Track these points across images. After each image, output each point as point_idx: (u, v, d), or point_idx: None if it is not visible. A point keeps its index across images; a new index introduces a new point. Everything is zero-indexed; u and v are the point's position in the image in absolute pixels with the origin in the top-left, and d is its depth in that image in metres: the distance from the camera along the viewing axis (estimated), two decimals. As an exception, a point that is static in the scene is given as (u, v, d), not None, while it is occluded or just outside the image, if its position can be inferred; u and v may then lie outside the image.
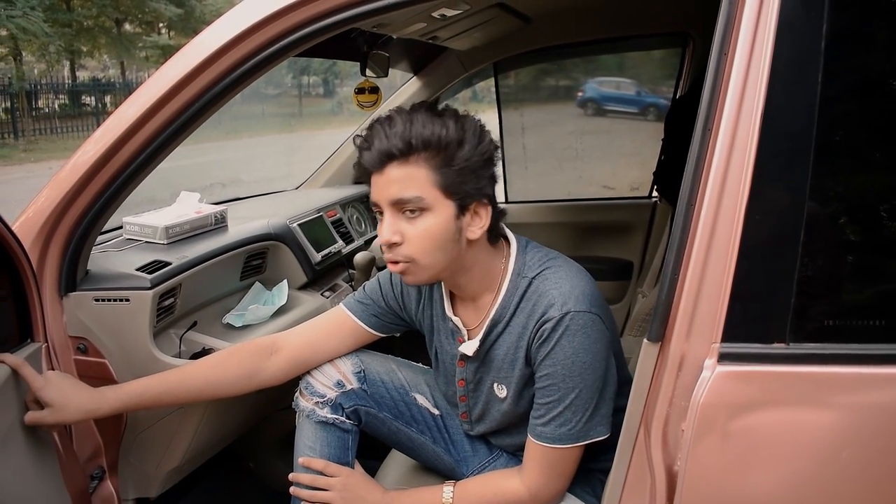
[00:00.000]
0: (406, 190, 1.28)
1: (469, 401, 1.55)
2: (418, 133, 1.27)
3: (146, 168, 1.54)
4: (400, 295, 1.60)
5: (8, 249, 1.43)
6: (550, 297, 1.34)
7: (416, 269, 1.34)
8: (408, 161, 1.28)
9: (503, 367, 1.44)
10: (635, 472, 1.19)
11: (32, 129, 16.73)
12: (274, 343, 1.57)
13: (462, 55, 2.78)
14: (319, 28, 1.39)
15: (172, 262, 1.78)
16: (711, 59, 1.08)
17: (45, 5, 17.77)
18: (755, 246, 1.06)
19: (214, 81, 1.46)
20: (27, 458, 1.39)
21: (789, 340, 1.06)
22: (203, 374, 1.53)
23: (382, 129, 1.29)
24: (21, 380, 1.41)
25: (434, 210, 1.30)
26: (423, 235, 1.31)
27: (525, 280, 1.39)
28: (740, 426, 1.07)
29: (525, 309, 1.38)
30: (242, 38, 1.42)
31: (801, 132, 1.04)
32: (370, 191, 1.35)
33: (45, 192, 1.56)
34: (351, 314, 1.60)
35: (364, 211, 2.88)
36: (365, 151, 1.31)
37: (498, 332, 1.43)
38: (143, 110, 1.48)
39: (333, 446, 1.57)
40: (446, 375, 1.58)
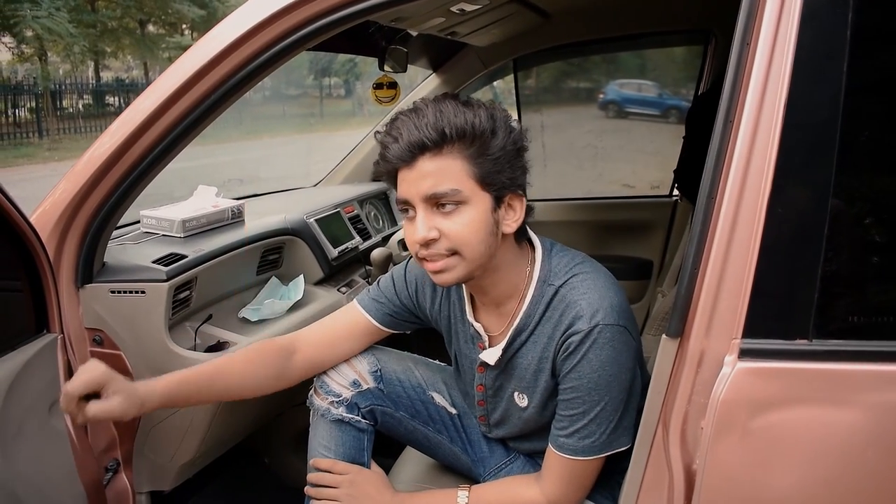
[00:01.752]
0: (441, 183, 1.21)
1: (488, 406, 1.52)
2: (451, 122, 1.21)
3: (162, 161, 1.55)
4: (414, 293, 1.55)
5: (25, 241, 1.44)
6: (578, 308, 1.28)
7: (456, 265, 1.26)
8: (441, 152, 1.21)
9: (525, 377, 1.39)
10: (653, 471, 1.17)
11: (57, 129, 16.94)
12: (291, 343, 1.53)
13: (481, 52, 2.76)
14: (336, 19, 1.39)
15: (188, 255, 1.78)
16: (733, 50, 1.06)
17: (70, 6, 17.96)
18: (777, 240, 1.04)
19: (230, 74, 1.47)
20: (41, 449, 1.39)
21: (812, 337, 1.04)
22: (237, 372, 1.46)
23: (411, 120, 1.22)
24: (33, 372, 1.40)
25: (471, 203, 1.24)
26: (463, 230, 1.24)
27: (551, 288, 1.33)
28: (761, 424, 1.05)
29: (551, 318, 1.32)
30: (259, 30, 1.42)
31: (825, 124, 1.02)
32: (396, 187, 1.28)
33: (62, 185, 1.57)
34: (365, 313, 1.56)
35: (382, 208, 2.87)
36: (392, 145, 1.23)
37: (521, 340, 1.37)
38: (158, 104, 1.48)
39: (348, 446, 1.55)
40: (465, 378, 1.55)
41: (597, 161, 3.26)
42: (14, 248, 1.44)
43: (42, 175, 10.28)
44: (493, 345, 1.42)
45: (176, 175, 2.38)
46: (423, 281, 1.53)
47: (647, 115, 8.09)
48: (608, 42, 3.02)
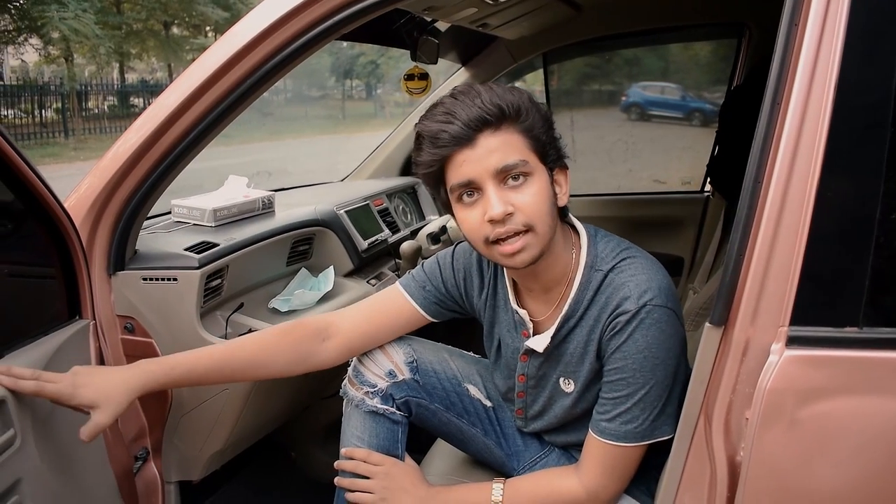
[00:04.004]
0: (510, 156, 1.22)
1: (527, 397, 1.49)
2: (504, 98, 1.23)
3: (193, 149, 1.55)
4: (462, 281, 1.52)
5: (60, 227, 1.44)
6: (627, 289, 1.27)
7: (534, 241, 1.25)
8: (500, 128, 1.23)
9: (571, 362, 1.37)
10: (693, 463, 1.15)
11: (82, 129, 17.17)
12: (328, 327, 1.50)
13: (511, 45, 2.75)
14: (368, 6, 1.38)
15: (220, 244, 1.78)
16: (780, 30, 1.04)
17: (97, 8, 18.17)
18: (827, 225, 1.01)
19: (260, 64, 1.47)
20: (72, 437, 1.39)
21: (862, 324, 1.01)
22: (252, 353, 1.45)
23: (462, 101, 1.23)
24: (65, 357, 1.40)
25: (535, 175, 1.25)
26: (535, 200, 1.24)
27: (599, 273, 1.32)
28: (810, 414, 1.02)
29: (598, 302, 1.31)
30: (287, 20, 1.43)
31: (878, 105, 0.99)
32: (444, 176, 1.27)
33: (94, 174, 1.58)
34: (411, 299, 1.53)
35: (410, 202, 2.87)
36: (447, 126, 1.22)
37: (570, 327, 1.36)
38: (188, 93, 1.49)
39: (382, 437, 1.52)
40: (506, 369, 1.52)
41: (627, 156, 3.23)
42: (49, 234, 1.44)
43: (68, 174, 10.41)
44: (538, 332, 1.40)
45: (203, 175, 2.39)
46: (471, 269, 1.51)
47: (670, 118, 8.06)
48: (639, 36, 2.99)
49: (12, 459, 1.19)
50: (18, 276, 1.50)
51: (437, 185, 1.31)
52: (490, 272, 1.49)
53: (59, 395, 1.25)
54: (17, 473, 1.20)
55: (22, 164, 1.31)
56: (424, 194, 2.96)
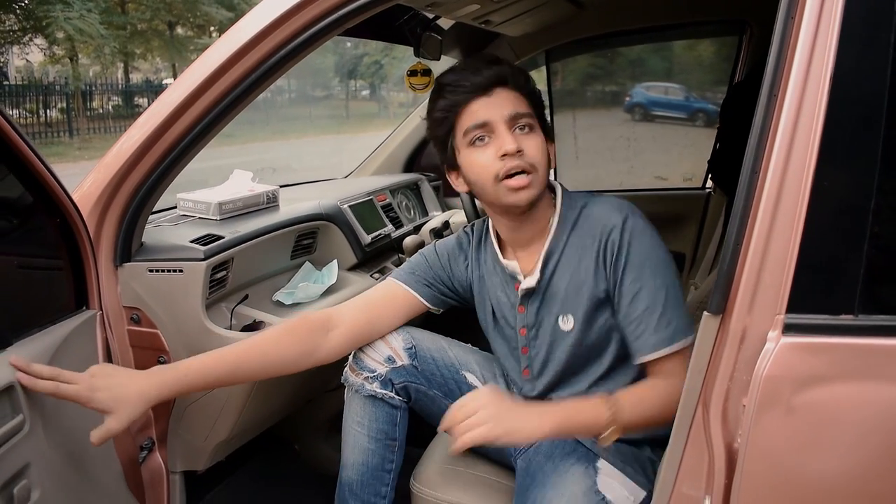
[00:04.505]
0: (520, 107, 1.43)
1: (531, 351, 1.54)
2: (514, 69, 1.46)
3: (196, 145, 1.58)
4: (447, 262, 1.62)
5: (69, 219, 1.47)
6: (604, 213, 1.44)
7: (535, 181, 1.42)
8: (510, 87, 1.43)
9: (568, 297, 1.46)
10: (692, 451, 1.16)
11: (87, 129, 17.25)
12: (329, 319, 1.56)
13: (514, 42, 2.77)
14: (371, 1, 1.40)
15: (225, 236, 1.80)
16: (777, 22, 1.05)
17: (101, 8, 18.21)
18: (823, 214, 1.02)
19: (263, 59, 1.49)
20: (79, 424, 1.41)
21: (858, 312, 1.02)
22: (262, 353, 1.49)
23: (483, 62, 1.44)
24: (72, 347, 1.42)
25: (537, 130, 1.45)
26: (538, 147, 1.43)
27: (573, 211, 1.49)
28: (806, 400, 1.04)
29: (579, 231, 1.46)
30: (294, 13, 1.44)
31: (872, 97, 1.01)
32: (455, 120, 1.45)
33: (99, 168, 1.61)
34: (405, 285, 1.61)
35: (413, 198, 2.90)
36: (471, 77, 1.42)
37: (555, 260, 1.48)
38: (192, 88, 1.51)
39: (381, 421, 1.57)
40: (504, 331, 1.58)
41: (629, 152, 3.25)
42: (58, 226, 1.47)
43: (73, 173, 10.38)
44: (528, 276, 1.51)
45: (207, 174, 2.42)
46: (452, 250, 1.63)
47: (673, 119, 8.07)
48: (641, 33, 3.02)
49: (21, 444, 1.21)
50: (27, 268, 1.52)
51: (447, 134, 1.48)
52: (470, 245, 1.62)
53: (77, 397, 1.29)
54: (25, 458, 1.22)
55: (32, 157, 1.34)
56: (427, 190, 2.99)
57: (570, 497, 1.41)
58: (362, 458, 1.59)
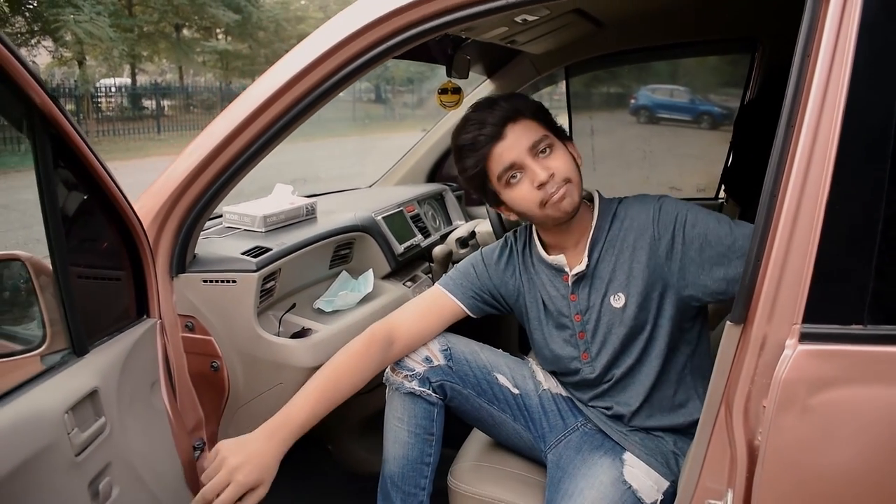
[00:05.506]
0: (534, 134, 1.54)
1: (587, 335, 1.65)
2: (513, 100, 1.58)
3: (252, 162, 1.67)
4: (495, 272, 1.74)
5: (132, 231, 1.56)
6: (641, 206, 1.60)
7: (573, 188, 1.54)
8: (518, 120, 1.54)
9: (616, 277, 1.60)
10: (715, 447, 1.25)
11: (96, 131, 17.20)
12: (390, 334, 1.68)
13: (535, 59, 2.86)
14: (422, 31, 1.50)
15: (273, 248, 1.90)
16: (795, 61, 1.13)
17: (110, 11, 18.26)
18: (835, 234, 1.11)
19: (313, 87, 1.59)
20: (146, 425, 1.50)
21: (867, 322, 1.11)
22: (349, 384, 1.63)
23: (485, 111, 1.56)
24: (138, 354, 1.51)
25: (556, 145, 1.57)
26: (564, 160, 1.55)
27: (612, 206, 1.64)
28: (820, 401, 1.12)
29: (622, 223, 1.61)
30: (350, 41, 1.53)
31: (881, 128, 1.09)
32: (487, 168, 1.56)
33: (159, 183, 1.69)
34: (452, 297, 1.73)
35: (438, 208, 2.99)
36: (483, 130, 1.54)
37: (600, 248, 1.62)
38: (246, 114, 1.61)
39: (420, 416, 1.68)
40: (560, 321, 1.69)
41: (644, 164, 3.34)
42: (122, 238, 1.56)
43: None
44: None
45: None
46: (497, 259, 1.75)
47: (679, 121, 8.08)
48: (657, 50, 3.10)
49: (105, 444, 1.29)
50: (96, 278, 1.62)
51: (483, 184, 1.61)
52: (513, 253, 1.74)
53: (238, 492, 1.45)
54: (108, 457, 1.30)
55: (100, 169, 1.40)
56: (451, 200, 3.08)
57: (599, 486, 1.53)
58: (403, 452, 1.69)
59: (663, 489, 1.56)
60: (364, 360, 1.64)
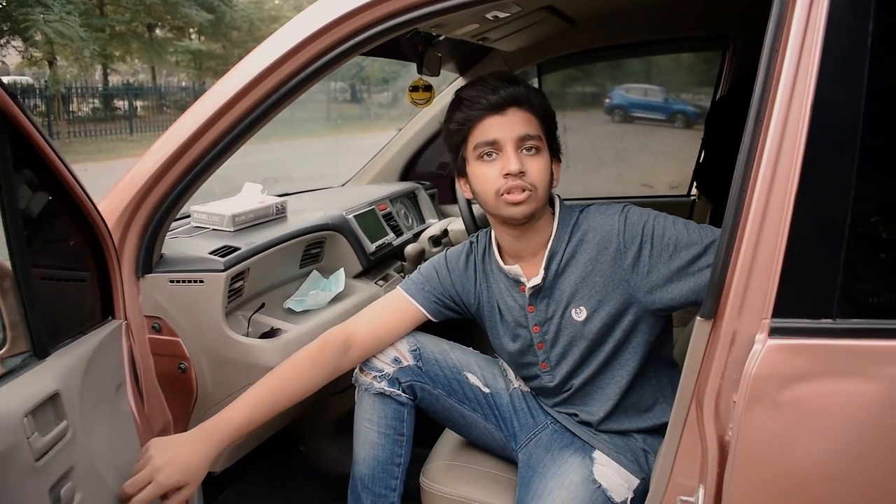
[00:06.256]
0: (530, 129, 1.49)
1: (547, 345, 1.62)
2: (530, 91, 1.52)
3: (219, 160, 1.64)
4: (458, 279, 1.70)
5: (97, 231, 1.53)
6: (604, 217, 1.54)
7: (534, 199, 1.49)
8: (524, 108, 1.50)
9: (578, 291, 1.55)
10: (687, 444, 1.25)
11: (67, 132, 17.00)
12: (346, 339, 1.65)
13: (507, 56, 2.85)
14: (385, 29, 1.48)
15: (242, 248, 1.87)
16: (763, 56, 1.13)
17: (81, 10, 18.03)
18: (804, 228, 1.11)
19: (280, 84, 1.57)
20: (112, 428, 1.47)
21: (836, 316, 1.11)
22: (294, 389, 1.59)
23: (504, 81, 1.51)
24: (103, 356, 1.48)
25: (543, 152, 1.52)
26: (541, 169, 1.50)
27: (572, 216, 1.59)
28: (790, 396, 1.12)
29: (583, 235, 1.55)
30: (317, 37, 1.51)
31: (849, 123, 1.09)
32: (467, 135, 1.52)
33: (124, 182, 1.66)
34: (413, 301, 1.71)
35: (411, 206, 2.97)
36: (488, 95, 1.49)
37: (559, 260, 1.56)
38: (210, 114, 1.58)
39: (390, 417, 1.67)
40: (517, 332, 1.65)
41: (617, 162, 3.35)
42: (86, 238, 1.53)
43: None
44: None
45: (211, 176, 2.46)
46: (460, 265, 1.71)
47: (652, 120, 8.14)
48: (629, 48, 3.10)
49: (67, 448, 1.25)
50: (58, 279, 1.58)
51: (460, 144, 1.56)
52: (475, 258, 1.70)
53: (158, 491, 1.39)
54: (70, 462, 1.27)
55: (63, 170, 1.38)
56: (424, 199, 3.07)
57: (569, 486, 1.52)
58: (373, 453, 1.68)
59: (634, 487, 1.55)
60: (315, 365, 1.62)
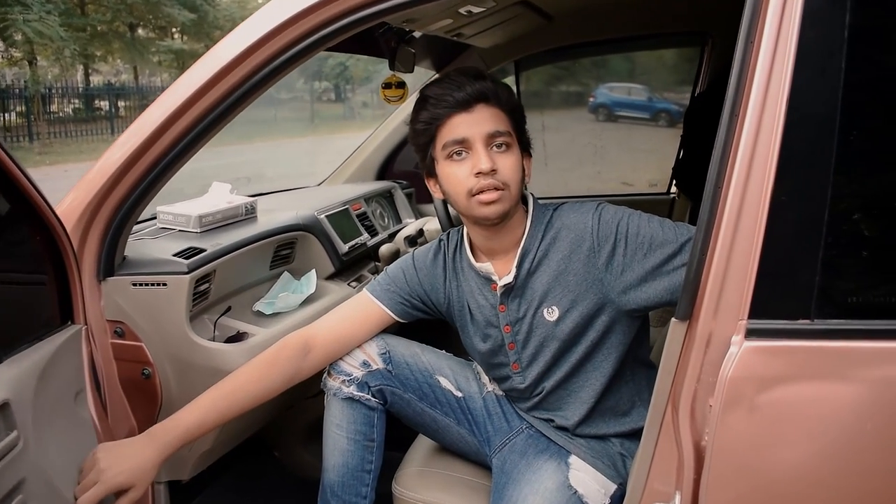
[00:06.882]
0: (499, 125, 1.45)
1: (518, 346, 1.58)
2: (497, 85, 1.48)
3: (182, 159, 1.60)
4: (425, 278, 1.66)
5: (54, 234, 1.48)
6: (578, 215, 1.50)
7: (507, 198, 1.46)
8: (492, 104, 1.46)
9: (551, 290, 1.51)
10: (663, 449, 1.22)
11: (47, 133, 16.87)
12: (306, 342, 1.61)
13: (484, 53, 2.82)
14: (351, 22, 1.43)
15: (207, 249, 1.83)
16: (738, 48, 1.10)
17: (61, 9, 17.87)
18: (780, 226, 1.08)
19: (247, 76, 1.51)
20: (69, 437, 1.43)
21: (814, 317, 1.08)
22: (249, 392, 1.55)
23: (469, 77, 1.46)
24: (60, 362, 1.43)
25: (513, 149, 1.48)
26: (513, 166, 1.46)
27: (546, 215, 1.55)
28: (767, 399, 1.10)
29: (556, 233, 1.51)
30: (275, 35, 1.47)
31: (825, 117, 1.07)
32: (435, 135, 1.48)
33: (83, 183, 1.62)
34: (378, 302, 1.66)
35: (387, 206, 2.93)
36: (455, 92, 1.44)
37: (531, 259, 1.52)
38: (175, 106, 1.53)
39: (359, 422, 1.63)
40: (488, 332, 1.61)
41: (596, 159, 3.32)
42: (43, 241, 1.48)
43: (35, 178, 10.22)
44: None
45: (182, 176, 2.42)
46: (428, 265, 1.67)
47: (637, 119, 8.17)
48: (607, 44, 3.09)
49: (18, 460, 1.22)
50: (12, 283, 1.54)
51: (427, 144, 1.51)
52: (445, 257, 1.65)
53: (104, 493, 1.36)
54: (21, 473, 1.23)
55: (16, 171, 1.35)
56: (401, 198, 3.02)
57: (544, 492, 1.48)
58: (342, 460, 1.64)
59: (611, 492, 1.52)
60: (272, 368, 1.58)
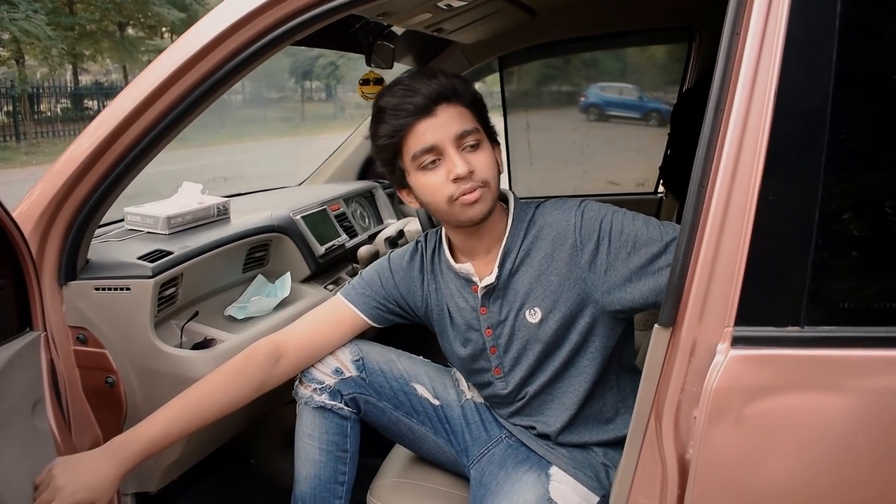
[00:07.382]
0: (466, 124, 1.39)
1: (500, 349, 1.52)
2: (454, 80, 1.41)
3: (145, 157, 1.53)
4: (402, 281, 1.60)
5: (9, 236, 1.42)
6: (560, 212, 1.45)
7: (488, 194, 1.41)
8: (453, 103, 1.39)
9: (533, 291, 1.45)
10: (645, 463, 1.17)
11: (35, 133, 16.83)
12: (276, 349, 1.55)
13: (467, 49, 2.77)
14: (322, 12, 1.38)
15: (174, 252, 1.76)
16: (723, 39, 1.06)
17: (48, 9, 17.79)
18: (769, 228, 1.04)
19: (214, 69, 1.46)
20: (25, 450, 1.37)
21: (804, 324, 1.04)
22: (215, 401, 1.50)
23: (422, 79, 1.39)
24: (16, 371, 1.38)
25: (484, 143, 1.42)
26: (488, 162, 1.41)
27: (527, 213, 1.49)
28: (755, 411, 1.05)
29: (539, 232, 1.46)
30: (243, 25, 1.42)
31: (816, 112, 1.02)
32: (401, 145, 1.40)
33: (43, 182, 1.56)
34: (352, 306, 1.61)
35: (368, 206, 2.88)
36: (411, 99, 1.37)
37: (514, 259, 1.47)
38: (139, 100, 1.47)
39: (332, 433, 1.58)
40: (468, 336, 1.55)
41: (582, 158, 3.28)
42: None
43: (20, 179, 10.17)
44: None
45: (160, 177, 2.37)
46: (405, 268, 1.61)
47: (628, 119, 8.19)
48: (593, 40, 3.05)
49: None
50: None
51: (393, 157, 1.44)
52: (423, 259, 1.60)
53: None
54: None
55: None
56: (382, 198, 2.97)
57: None
58: (314, 471, 1.59)
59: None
60: (240, 376, 1.52)
